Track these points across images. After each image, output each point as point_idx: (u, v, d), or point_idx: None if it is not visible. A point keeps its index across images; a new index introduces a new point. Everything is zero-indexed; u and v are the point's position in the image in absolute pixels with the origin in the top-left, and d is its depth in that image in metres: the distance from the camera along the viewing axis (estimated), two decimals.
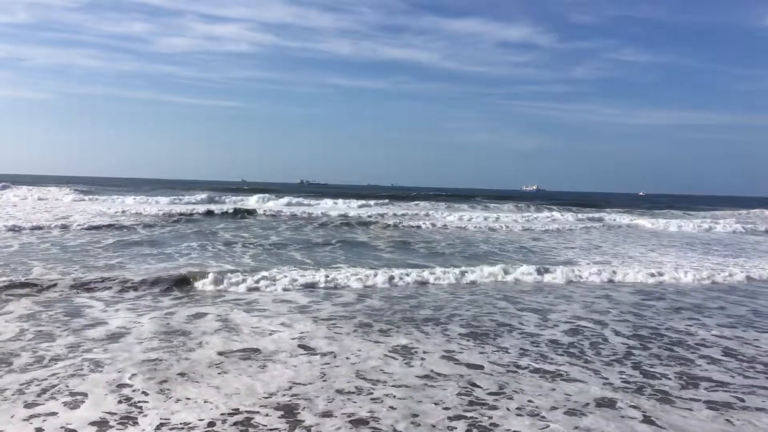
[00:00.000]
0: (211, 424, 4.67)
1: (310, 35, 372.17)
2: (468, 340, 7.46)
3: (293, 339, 7.20)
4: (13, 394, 5.12)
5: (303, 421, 4.78)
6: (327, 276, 11.30)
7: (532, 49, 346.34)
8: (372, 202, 40.47)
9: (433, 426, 4.77)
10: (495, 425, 4.84)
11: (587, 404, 5.38)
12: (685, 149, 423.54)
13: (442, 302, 9.95)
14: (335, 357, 6.54)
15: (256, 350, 6.69)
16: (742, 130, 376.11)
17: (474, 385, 5.79)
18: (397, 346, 7.07)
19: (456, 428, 4.75)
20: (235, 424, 4.68)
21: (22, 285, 9.48)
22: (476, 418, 4.99)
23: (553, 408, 5.25)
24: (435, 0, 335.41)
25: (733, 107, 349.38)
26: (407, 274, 11.90)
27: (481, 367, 6.36)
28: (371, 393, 5.47)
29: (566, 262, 15.11)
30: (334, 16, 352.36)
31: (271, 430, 4.61)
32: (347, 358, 6.50)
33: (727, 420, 5.14)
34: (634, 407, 5.35)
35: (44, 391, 5.23)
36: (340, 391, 5.47)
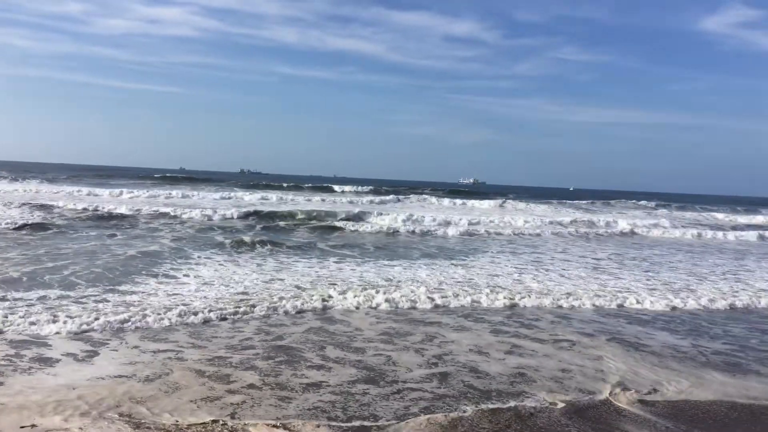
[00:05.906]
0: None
1: (256, 22, 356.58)
2: None
3: None
4: None
5: None
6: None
7: (477, 45, 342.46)
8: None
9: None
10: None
11: None
12: (617, 146, 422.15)
13: None
14: None
15: None
16: (674, 128, 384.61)
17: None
18: None
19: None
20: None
21: None
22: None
23: None
24: None
25: (666, 107, 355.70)
26: None
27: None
28: None
29: None
30: (280, 3, 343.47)
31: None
32: None
33: None
34: None
35: None
36: None
